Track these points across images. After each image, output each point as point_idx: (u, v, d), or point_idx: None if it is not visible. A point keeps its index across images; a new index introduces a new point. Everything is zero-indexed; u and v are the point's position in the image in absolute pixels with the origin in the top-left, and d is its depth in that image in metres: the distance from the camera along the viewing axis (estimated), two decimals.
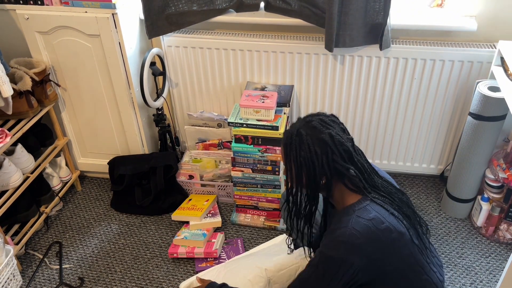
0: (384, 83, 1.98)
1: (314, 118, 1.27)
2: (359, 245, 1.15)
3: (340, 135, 1.25)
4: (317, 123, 1.25)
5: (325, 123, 1.26)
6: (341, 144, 1.23)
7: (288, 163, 1.29)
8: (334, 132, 1.24)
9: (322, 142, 1.22)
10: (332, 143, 1.22)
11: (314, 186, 1.27)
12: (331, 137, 1.22)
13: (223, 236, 1.99)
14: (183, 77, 2.15)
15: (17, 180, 1.81)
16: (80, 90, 2.04)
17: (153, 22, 1.94)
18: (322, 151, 1.22)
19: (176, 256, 1.90)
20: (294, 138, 1.26)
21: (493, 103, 1.70)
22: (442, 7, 1.92)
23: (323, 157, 1.22)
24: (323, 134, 1.23)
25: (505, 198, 1.86)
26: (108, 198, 2.26)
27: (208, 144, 2.22)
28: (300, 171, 1.26)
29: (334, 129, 1.25)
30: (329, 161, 1.22)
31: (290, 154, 1.26)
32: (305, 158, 1.23)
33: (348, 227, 1.17)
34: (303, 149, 1.23)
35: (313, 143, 1.23)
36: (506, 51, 1.68)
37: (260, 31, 2.03)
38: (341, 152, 1.23)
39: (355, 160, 1.26)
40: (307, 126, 1.26)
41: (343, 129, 1.29)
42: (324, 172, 1.24)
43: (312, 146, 1.22)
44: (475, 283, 1.79)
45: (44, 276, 1.88)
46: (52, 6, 1.83)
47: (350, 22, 1.78)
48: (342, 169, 1.23)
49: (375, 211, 1.21)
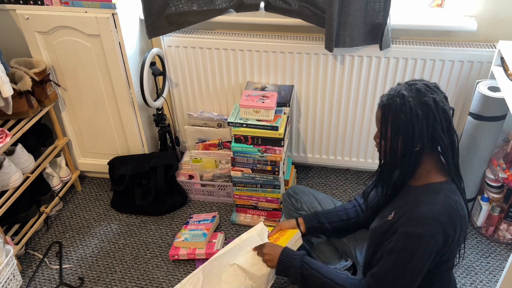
0: (384, 83, 1.98)
1: (417, 82, 1.23)
2: (446, 223, 1.15)
3: (444, 102, 1.21)
4: (422, 86, 1.21)
5: (430, 88, 1.22)
6: (443, 111, 1.19)
7: (383, 126, 1.24)
8: (439, 98, 1.20)
9: (426, 105, 1.18)
10: (436, 108, 1.18)
11: (408, 152, 1.22)
12: (435, 102, 1.19)
13: (223, 236, 1.99)
14: (183, 77, 2.15)
15: (17, 180, 1.81)
16: (80, 90, 2.05)
17: (153, 22, 1.94)
18: (423, 115, 1.18)
19: (177, 258, 1.90)
20: (395, 99, 1.21)
21: (493, 103, 1.70)
22: (442, 7, 1.92)
23: (424, 121, 1.18)
24: (427, 98, 1.19)
25: (505, 198, 1.86)
26: (108, 198, 2.26)
27: (208, 144, 2.22)
28: (397, 135, 1.22)
29: (438, 95, 1.21)
30: (429, 126, 1.19)
31: (389, 116, 1.22)
32: (404, 121, 1.19)
33: (437, 203, 1.16)
34: (403, 111, 1.19)
35: (415, 105, 1.18)
36: (506, 51, 1.68)
37: (260, 31, 2.03)
38: (441, 120, 1.19)
39: (452, 132, 1.22)
40: (410, 89, 1.21)
41: (446, 97, 1.25)
42: (421, 137, 1.19)
43: (414, 108, 1.18)
44: (475, 283, 1.78)
45: (44, 276, 1.88)
46: (52, 6, 1.83)
47: (350, 22, 1.78)
48: (439, 138, 1.20)
49: (458, 196, 1.21)
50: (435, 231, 1.14)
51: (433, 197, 1.19)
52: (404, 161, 1.25)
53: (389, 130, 1.23)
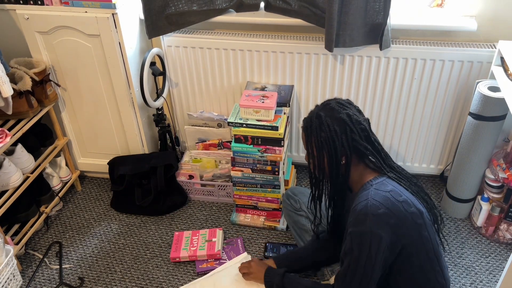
0: (384, 83, 1.98)
1: (331, 101, 1.35)
2: (382, 215, 1.19)
3: (357, 115, 1.33)
4: (335, 104, 1.33)
5: (342, 105, 1.34)
6: (358, 123, 1.30)
7: (309, 146, 1.36)
8: (351, 112, 1.32)
9: (341, 121, 1.29)
10: (350, 122, 1.29)
11: (335, 166, 1.32)
12: (349, 116, 1.30)
13: (222, 232, 2.00)
14: (183, 77, 2.15)
15: (17, 180, 1.81)
16: (80, 90, 2.04)
17: (153, 22, 1.94)
18: (341, 130, 1.29)
19: (179, 261, 1.90)
20: (314, 120, 1.33)
21: (493, 103, 1.70)
22: (442, 7, 1.92)
23: (343, 136, 1.29)
24: (341, 114, 1.30)
25: (505, 198, 1.86)
26: (108, 198, 2.26)
27: (208, 144, 2.22)
28: (321, 152, 1.32)
29: (350, 109, 1.33)
30: (348, 139, 1.29)
31: (311, 136, 1.33)
32: (326, 138, 1.30)
33: (368, 199, 1.22)
34: (323, 129, 1.30)
35: (332, 123, 1.29)
36: (506, 51, 1.68)
37: (260, 31, 2.03)
38: (358, 131, 1.30)
39: (371, 140, 1.33)
40: (325, 109, 1.34)
41: (359, 110, 1.37)
42: (344, 151, 1.29)
43: (332, 126, 1.29)
44: (475, 283, 1.78)
45: (44, 276, 1.88)
46: (52, 6, 1.83)
47: (350, 22, 1.78)
48: (361, 147, 1.30)
49: (392, 185, 1.28)
50: (372, 226, 1.19)
51: (362, 195, 1.26)
52: (333, 175, 1.35)
53: (314, 149, 1.34)
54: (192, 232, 2.00)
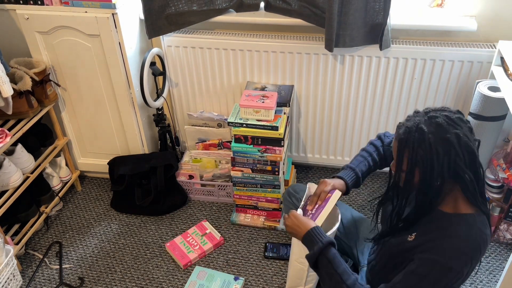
0: (384, 83, 1.98)
1: (439, 114, 1.15)
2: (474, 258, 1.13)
3: (468, 136, 1.13)
4: (443, 120, 1.14)
5: (452, 121, 1.14)
6: (467, 146, 1.12)
7: (399, 158, 1.19)
8: (462, 133, 1.12)
9: (447, 142, 1.12)
10: (458, 144, 1.12)
11: (426, 186, 1.18)
12: (458, 138, 1.12)
13: (207, 222, 2.07)
14: (183, 77, 2.15)
15: (17, 180, 1.81)
16: (80, 90, 2.04)
17: (153, 22, 1.94)
18: (444, 152, 1.12)
19: (191, 264, 1.90)
20: (413, 134, 1.14)
21: (493, 103, 1.70)
22: (442, 7, 1.92)
23: (445, 158, 1.12)
24: (449, 134, 1.12)
25: (505, 198, 1.86)
26: (108, 198, 2.26)
27: (208, 144, 2.22)
28: (414, 169, 1.17)
29: (461, 129, 1.13)
30: (451, 163, 1.13)
31: (405, 150, 1.17)
32: (423, 157, 1.13)
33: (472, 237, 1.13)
34: (422, 147, 1.13)
35: (436, 142, 1.12)
36: (506, 51, 1.68)
37: (260, 31, 2.03)
38: (464, 155, 1.12)
39: (476, 165, 1.16)
40: (430, 123, 1.14)
41: (470, 129, 1.17)
42: (442, 173, 1.14)
43: (434, 146, 1.12)
44: (475, 283, 1.78)
45: (44, 276, 1.88)
46: (52, 6, 1.83)
47: (350, 22, 1.78)
48: (461, 173, 1.14)
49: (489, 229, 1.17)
50: (465, 266, 1.12)
51: (467, 231, 1.14)
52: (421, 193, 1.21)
53: (406, 163, 1.18)
54: (182, 236, 2.00)
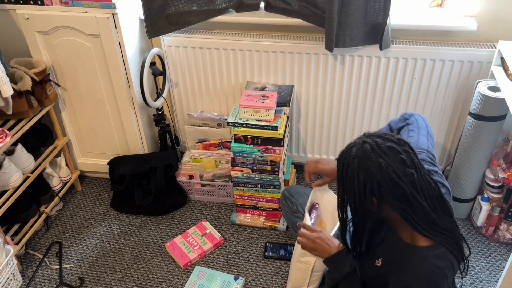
0: (384, 83, 1.98)
1: (370, 140, 1.08)
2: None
3: (394, 168, 1.04)
4: (369, 146, 1.06)
5: (379, 149, 1.05)
6: (391, 179, 1.03)
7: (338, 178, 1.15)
8: (385, 163, 1.04)
9: (368, 170, 1.05)
10: (380, 174, 1.04)
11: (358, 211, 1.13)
12: (380, 168, 1.04)
13: (207, 222, 2.06)
14: (183, 77, 2.15)
15: (17, 180, 1.81)
16: (80, 90, 2.04)
17: (153, 22, 1.94)
18: (365, 180, 1.05)
19: (191, 264, 1.90)
20: (345, 155, 1.10)
21: (493, 103, 1.70)
22: (442, 7, 1.92)
23: (367, 186, 1.06)
24: (370, 162, 1.05)
25: (505, 198, 1.86)
26: (108, 198, 2.26)
27: (208, 144, 2.22)
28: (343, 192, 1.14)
29: (388, 158, 1.04)
30: (374, 192, 1.06)
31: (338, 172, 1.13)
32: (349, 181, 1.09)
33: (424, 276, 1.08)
34: (349, 171, 1.08)
35: (358, 168, 1.06)
36: (506, 51, 1.68)
37: (260, 31, 2.03)
38: (390, 186, 1.04)
39: (409, 197, 1.05)
40: (360, 147, 1.08)
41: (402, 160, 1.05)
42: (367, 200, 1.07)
43: (356, 171, 1.06)
44: (475, 283, 1.78)
45: (44, 276, 1.88)
46: (52, 6, 1.83)
47: (350, 22, 1.78)
48: (392, 205, 1.07)
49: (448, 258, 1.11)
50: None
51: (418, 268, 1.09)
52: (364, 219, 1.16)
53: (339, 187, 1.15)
54: (182, 236, 2.00)
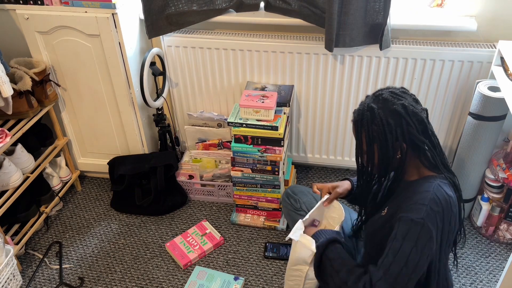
0: (384, 83, 1.98)
1: (383, 92, 1.23)
2: (438, 214, 1.13)
3: (414, 106, 1.20)
4: (388, 95, 1.21)
5: (396, 95, 1.21)
6: (415, 114, 1.19)
7: (359, 140, 1.26)
8: (407, 103, 1.19)
9: (395, 113, 1.18)
10: (406, 113, 1.18)
11: (387, 161, 1.23)
12: (404, 107, 1.18)
13: (207, 222, 2.07)
14: (183, 77, 2.15)
15: (17, 180, 1.81)
16: (80, 90, 2.05)
17: (153, 22, 1.94)
18: (396, 123, 1.18)
19: (191, 264, 1.90)
20: (365, 113, 1.22)
21: (493, 103, 1.70)
22: (442, 7, 1.92)
23: (398, 129, 1.18)
24: (396, 105, 1.18)
25: (505, 198, 1.86)
26: (108, 198, 2.26)
27: (208, 144, 2.22)
28: (372, 147, 1.23)
29: (406, 99, 1.20)
30: (404, 133, 1.18)
31: (361, 130, 1.23)
32: (378, 132, 1.19)
33: (430, 191, 1.15)
34: (375, 123, 1.19)
35: (386, 115, 1.18)
36: (506, 51, 1.68)
37: (260, 31, 2.03)
38: (415, 123, 1.19)
39: (429, 133, 1.22)
40: (377, 100, 1.22)
41: (415, 100, 1.24)
42: (398, 145, 1.20)
43: (385, 119, 1.18)
44: (475, 283, 1.78)
45: (44, 276, 1.88)
46: (52, 6, 1.83)
47: (350, 22, 1.78)
48: (417, 141, 1.19)
49: (452, 191, 1.19)
50: (427, 218, 1.12)
51: (426, 186, 1.18)
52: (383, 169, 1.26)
53: (364, 143, 1.24)
54: (182, 236, 2.00)
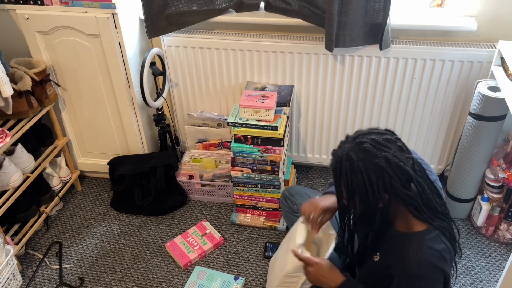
0: (384, 83, 1.98)
1: (366, 139, 1.13)
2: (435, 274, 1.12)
3: (398, 157, 1.10)
4: (369, 145, 1.11)
5: (379, 144, 1.12)
6: (399, 167, 1.10)
7: (338, 187, 1.18)
8: (391, 155, 1.10)
9: (378, 167, 1.09)
10: (389, 167, 1.09)
11: (369, 211, 1.17)
12: (388, 161, 1.09)
13: (207, 222, 2.07)
14: (183, 77, 2.15)
15: (17, 180, 1.81)
16: (80, 90, 2.05)
17: (153, 22, 1.94)
18: (377, 177, 1.10)
19: (191, 264, 1.90)
20: (343, 162, 1.13)
21: (493, 103, 1.70)
22: (442, 7, 1.92)
23: (379, 183, 1.10)
24: (378, 159, 1.09)
25: (505, 198, 1.86)
26: (108, 198, 2.26)
27: (208, 144, 2.22)
28: (353, 196, 1.15)
29: (390, 150, 1.11)
30: (387, 187, 1.11)
31: (340, 179, 1.15)
32: (358, 184, 1.12)
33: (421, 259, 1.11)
34: (355, 175, 1.11)
35: (366, 169, 1.10)
36: (506, 51, 1.68)
37: (260, 31, 2.03)
38: (399, 176, 1.10)
39: (414, 181, 1.13)
40: (358, 149, 1.12)
41: (400, 147, 1.14)
42: (380, 197, 1.12)
43: (365, 172, 1.10)
44: (475, 283, 1.78)
45: (44, 276, 1.88)
46: (52, 6, 1.83)
47: (350, 22, 1.78)
48: (401, 194, 1.12)
49: (443, 241, 1.14)
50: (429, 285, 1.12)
51: (417, 252, 1.13)
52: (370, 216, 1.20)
53: (344, 191, 1.17)
54: (182, 236, 2.01)
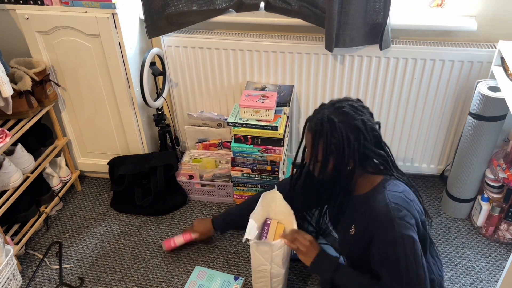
0: (384, 83, 1.98)
1: (344, 104, 1.28)
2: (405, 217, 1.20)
3: (371, 121, 1.28)
4: (349, 109, 1.26)
5: (356, 109, 1.27)
6: (372, 129, 1.27)
7: (314, 150, 1.29)
8: (366, 118, 1.27)
9: (356, 128, 1.24)
10: (365, 129, 1.25)
11: (339, 172, 1.29)
12: (364, 123, 1.25)
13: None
14: (183, 77, 2.15)
15: (17, 180, 1.81)
16: (80, 90, 2.05)
17: (153, 22, 1.94)
18: (355, 138, 1.24)
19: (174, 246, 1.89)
20: (325, 124, 1.25)
21: (493, 103, 1.70)
22: (442, 7, 1.92)
23: (356, 143, 1.24)
24: (356, 120, 1.24)
25: (505, 198, 1.86)
26: (108, 198, 2.26)
27: (208, 144, 2.22)
28: (327, 157, 1.27)
29: (365, 115, 1.28)
30: (360, 147, 1.25)
31: (319, 141, 1.27)
32: (336, 144, 1.24)
33: (388, 203, 1.22)
34: (334, 136, 1.24)
35: (346, 130, 1.24)
36: (506, 51, 1.68)
37: (260, 31, 2.03)
38: (371, 138, 1.26)
39: (382, 145, 1.31)
40: (338, 113, 1.26)
41: (371, 114, 1.32)
42: (353, 157, 1.25)
43: (345, 133, 1.23)
44: (475, 283, 1.78)
45: (44, 276, 1.88)
46: (52, 6, 1.83)
47: (350, 22, 1.78)
48: (371, 153, 1.27)
49: (402, 184, 1.29)
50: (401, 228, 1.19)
51: (380, 199, 1.24)
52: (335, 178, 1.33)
53: (320, 153, 1.28)
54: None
